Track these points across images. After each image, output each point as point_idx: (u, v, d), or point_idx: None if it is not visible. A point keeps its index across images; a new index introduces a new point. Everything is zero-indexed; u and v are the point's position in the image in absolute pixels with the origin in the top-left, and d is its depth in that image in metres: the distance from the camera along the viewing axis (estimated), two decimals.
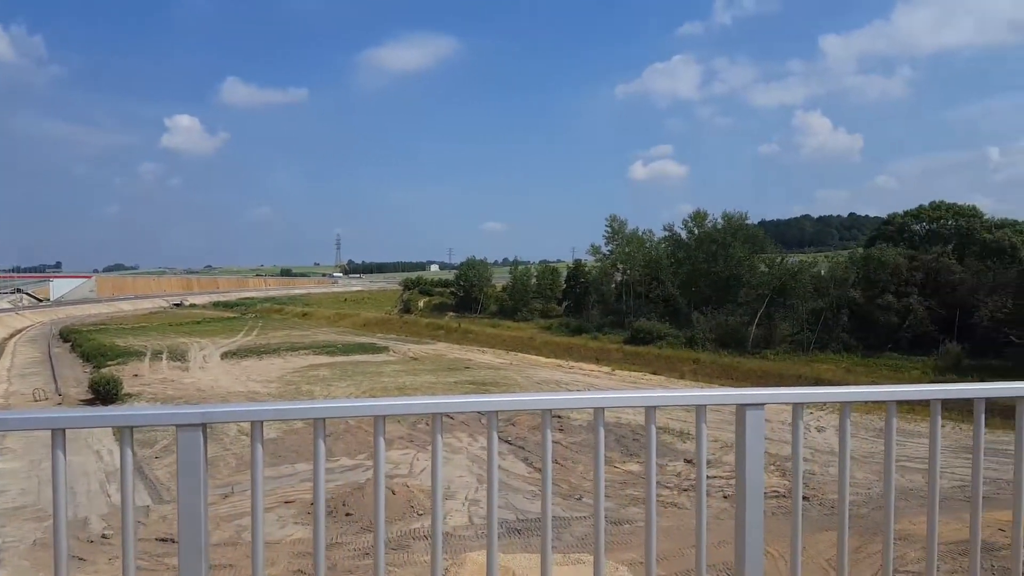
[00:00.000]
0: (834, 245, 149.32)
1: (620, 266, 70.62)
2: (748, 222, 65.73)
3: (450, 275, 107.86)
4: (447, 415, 2.46)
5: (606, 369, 47.88)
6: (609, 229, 71.90)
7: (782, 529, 2.56)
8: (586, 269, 76.69)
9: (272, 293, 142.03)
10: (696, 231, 66.99)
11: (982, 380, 2.89)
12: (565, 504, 18.55)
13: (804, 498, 15.35)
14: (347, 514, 17.28)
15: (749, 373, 44.89)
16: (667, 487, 20.08)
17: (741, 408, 2.38)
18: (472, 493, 19.49)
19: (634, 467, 21.26)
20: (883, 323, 50.06)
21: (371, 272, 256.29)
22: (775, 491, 15.08)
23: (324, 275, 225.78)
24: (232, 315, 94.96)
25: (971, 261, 51.73)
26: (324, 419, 2.21)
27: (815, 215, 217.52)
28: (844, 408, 2.47)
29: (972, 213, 61.69)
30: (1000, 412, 2.89)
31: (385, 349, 55.98)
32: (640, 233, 71.73)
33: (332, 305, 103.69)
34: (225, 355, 51.48)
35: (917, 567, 11.36)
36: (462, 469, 21.51)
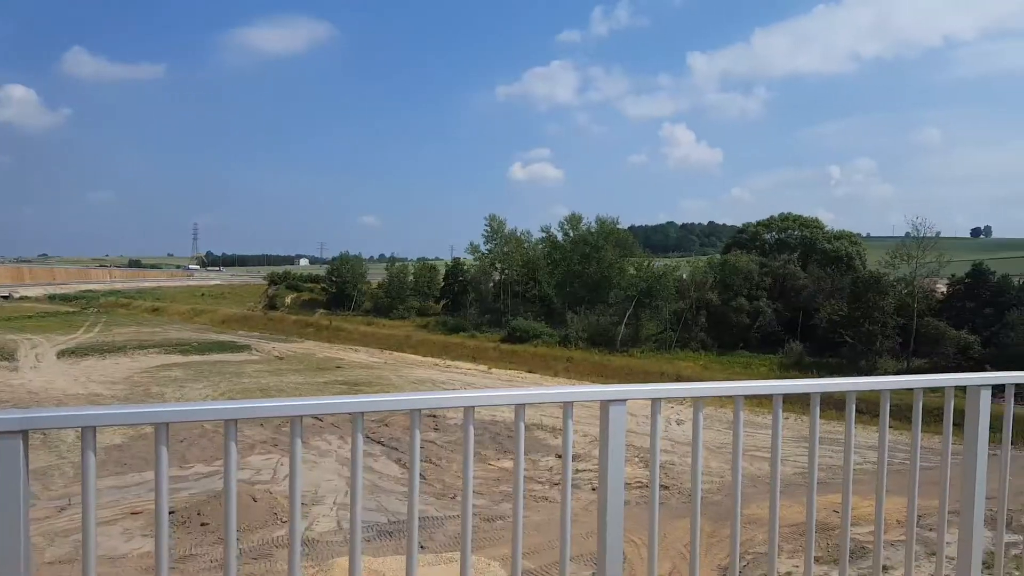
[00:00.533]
0: (695, 251, 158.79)
1: (498, 265, 71.35)
2: (619, 226, 68.55)
3: (321, 270, 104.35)
4: (315, 417, 2.34)
5: (483, 367, 48.16)
6: (488, 228, 72.36)
7: (645, 518, 2.65)
8: (465, 268, 76.72)
9: (118, 286, 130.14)
10: (571, 233, 68.95)
11: (820, 376, 3.15)
12: (439, 504, 18.46)
13: (664, 487, 16.12)
14: (203, 524, 16.27)
15: (618, 370, 46.75)
16: (539, 482, 20.47)
17: (605, 404, 2.47)
18: (341, 497, 18.95)
19: (508, 464, 21.49)
20: (736, 324, 53.85)
21: (233, 265, 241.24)
22: (639, 482, 15.75)
23: (179, 267, 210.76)
24: (71, 309, 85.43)
25: (813, 268, 56.77)
26: (167, 423, 2.03)
27: (679, 222, 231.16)
28: (697, 403, 2.61)
29: (815, 224, 67.54)
30: (835, 405, 3.14)
31: (247, 348, 53.18)
32: (519, 233, 72.92)
33: (187, 300, 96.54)
34: (62, 354, 46.82)
35: (764, 548, 12.29)
36: (331, 473, 20.86)
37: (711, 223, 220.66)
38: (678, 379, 41.41)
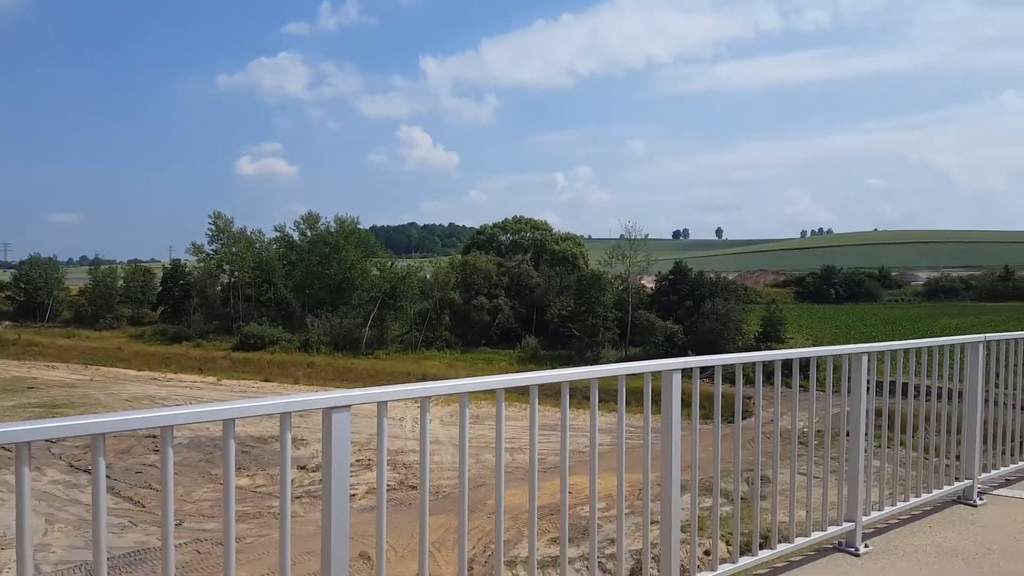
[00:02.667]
0: (438, 251, 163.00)
1: (227, 267, 65.90)
2: (360, 227, 67.61)
3: (6, 275, 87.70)
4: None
5: (211, 379, 44.33)
6: (213, 227, 66.31)
7: (397, 520, 2.50)
8: (187, 270, 69.70)
9: None
10: (309, 233, 66.37)
11: (552, 368, 3.33)
12: (160, 532, 16.48)
13: (413, 487, 16.08)
14: None
15: (363, 374, 46.09)
16: (279, 497, 19.26)
17: (327, 412, 2.33)
18: (40, 537, 16.10)
19: (243, 481, 19.97)
20: (478, 321, 56.36)
21: None
22: (388, 485, 15.61)
23: None
24: None
25: (544, 268, 61.49)
26: None
27: (421, 223, 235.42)
28: (424, 402, 2.57)
29: (544, 227, 73.13)
30: (572, 393, 3.31)
31: None
32: (249, 233, 68.04)
33: None
34: None
35: (511, 534, 12.89)
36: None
37: (452, 224, 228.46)
38: (424, 378, 42.04)
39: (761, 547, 3.87)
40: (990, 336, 5.30)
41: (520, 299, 58.83)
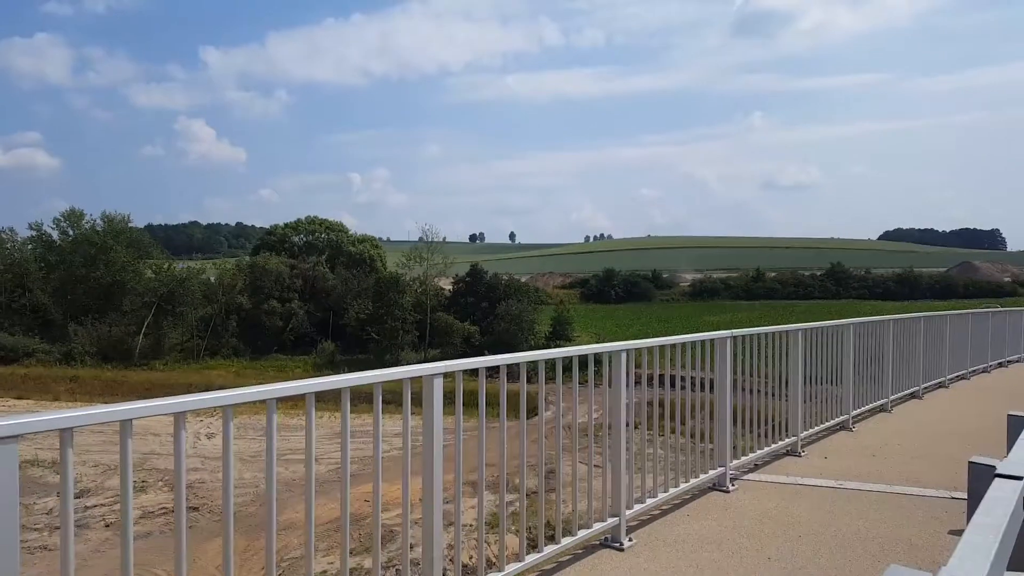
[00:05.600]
0: (224, 252, 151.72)
1: None
2: (132, 225, 60.86)
3: None
4: None
5: None
6: None
7: (170, 545, 2.27)
8: None
9: None
10: (72, 232, 58.40)
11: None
12: None
13: (194, 508, 14.85)
14: None
15: (136, 386, 41.50)
16: (35, 529, 16.81)
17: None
18: None
19: None
20: (270, 327, 53.30)
21: None
22: (163, 508, 14.21)
23: None
24: None
25: (341, 270, 59.76)
26: None
27: (204, 222, 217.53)
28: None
29: (340, 228, 71.20)
30: (365, 399, 3.24)
31: None
32: None
33: None
34: None
35: (299, 552, 12.31)
36: None
37: (239, 224, 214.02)
38: (207, 390, 38.93)
39: (533, 549, 3.93)
40: (736, 332, 5.87)
41: (315, 302, 56.61)
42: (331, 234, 69.15)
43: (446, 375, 3.29)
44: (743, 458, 6.05)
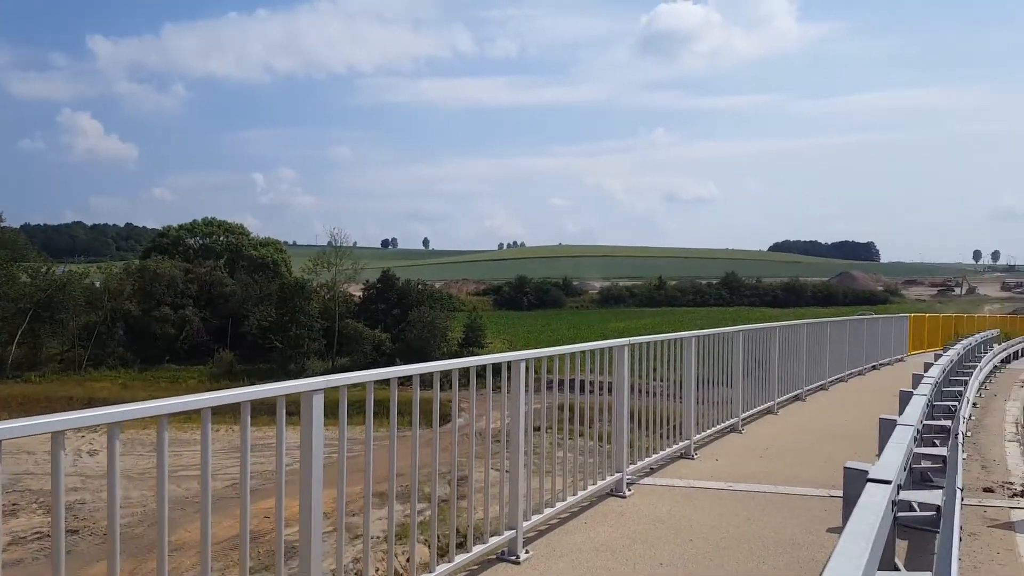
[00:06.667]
0: (111, 255, 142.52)
1: None
2: (4, 224, 56.31)
3: None
4: None
5: None
6: None
7: (45, 573, 2.13)
8: None
9: None
10: None
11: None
12: None
13: (73, 531, 13.87)
14: None
15: (9, 401, 38.34)
16: None
17: None
18: None
19: None
20: (161, 335, 50.49)
21: None
22: (37, 532, 13.20)
23: None
24: None
25: (241, 275, 57.42)
26: None
27: (89, 223, 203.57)
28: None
29: (241, 231, 68.41)
30: (267, 410, 3.13)
31: None
32: None
33: None
34: None
35: (193, 572, 11.72)
36: None
37: (129, 225, 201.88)
38: (90, 404, 36.47)
39: (443, 558, 3.87)
40: (633, 340, 6.05)
41: (212, 309, 54.09)
42: (231, 237, 66.38)
43: (327, 390, 3.10)
44: (640, 462, 6.19)
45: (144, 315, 50.59)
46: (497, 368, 4.38)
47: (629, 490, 5.82)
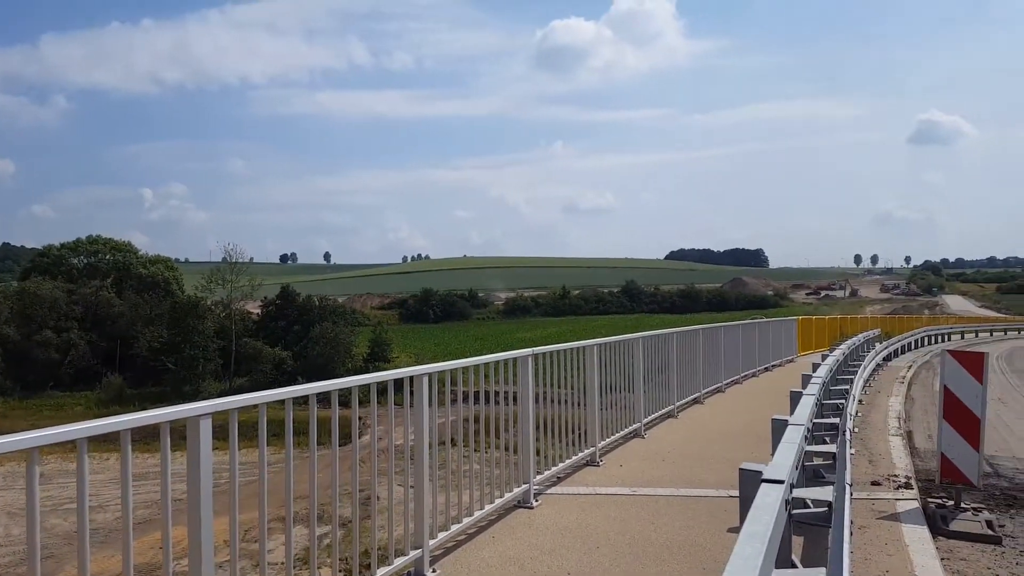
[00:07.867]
0: None
1: None
2: None
3: None
4: None
5: None
6: None
7: None
8: None
9: None
10: None
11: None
12: None
13: None
14: None
15: None
16: None
17: None
18: None
19: None
20: (43, 360, 46.82)
21: None
22: None
23: None
24: None
25: (129, 295, 54.06)
26: None
27: None
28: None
29: (128, 249, 64.53)
30: (174, 433, 2.99)
31: None
32: None
33: None
34: None
35: None
36: None
37: (6, 245, 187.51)
38: None
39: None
40: (536, 349, 6.15)
41: (99, 331, 50.62)
42: (117, 255, 62.50)
43: (215, 415, 2.98)
44: (547, 472, 6.26)
45: (24, 340, 46.78)
46: (400, 383, 4.33)
47: (537, 500, 5.86)
